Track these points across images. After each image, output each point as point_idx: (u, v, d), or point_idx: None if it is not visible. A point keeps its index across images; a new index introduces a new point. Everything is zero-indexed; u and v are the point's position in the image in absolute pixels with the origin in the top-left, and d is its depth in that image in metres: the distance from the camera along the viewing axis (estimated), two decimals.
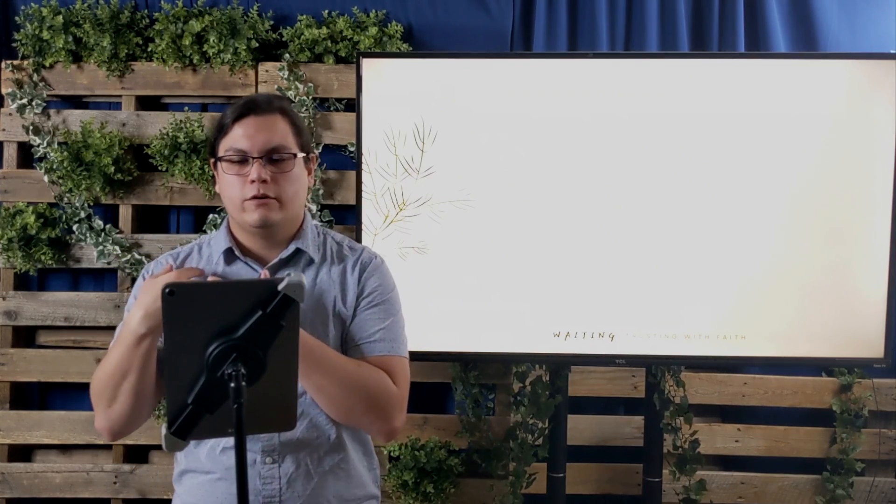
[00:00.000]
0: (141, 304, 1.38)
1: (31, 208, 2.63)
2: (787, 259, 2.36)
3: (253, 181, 1.45)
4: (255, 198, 1.46)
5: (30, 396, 2.76)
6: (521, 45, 2.76)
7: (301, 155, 1.52)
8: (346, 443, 1.54)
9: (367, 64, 2.37)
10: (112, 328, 2.67)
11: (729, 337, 2.38)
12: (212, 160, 1.55)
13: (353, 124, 2.52)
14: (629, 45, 2.76)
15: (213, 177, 2.61)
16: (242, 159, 1.47)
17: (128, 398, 1.41)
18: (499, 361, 2.62)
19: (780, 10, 2.73)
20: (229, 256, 1.53)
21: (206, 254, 1.57)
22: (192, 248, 1.59)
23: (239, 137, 1.47)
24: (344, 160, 2.70)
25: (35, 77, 2.67)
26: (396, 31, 2.64)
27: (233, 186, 1.48)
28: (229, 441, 1.42)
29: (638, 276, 2.36)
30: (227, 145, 1.49)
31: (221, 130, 1.51)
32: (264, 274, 1.48)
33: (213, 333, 1.12)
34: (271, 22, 2.67)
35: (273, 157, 1.48)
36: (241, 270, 1.52)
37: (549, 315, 2.38)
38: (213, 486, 1.49)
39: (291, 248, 1.53)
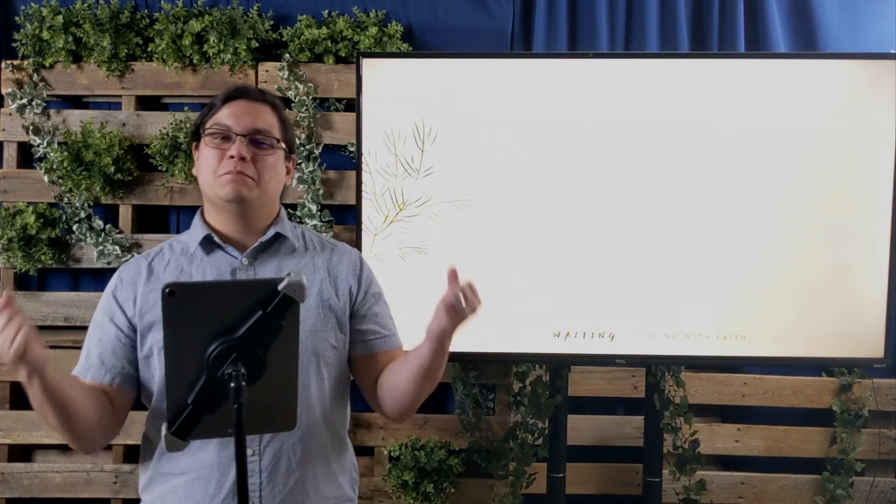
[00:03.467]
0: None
1: (31, 208, 2.63)
2: (787, 259, 2.36)
3: (232, 157, 1.45)
4: (230, 172, 1.45)
5: None
6: (521, 45, 2.75)
7: (283, 147, 1.52)
8: (328, 440, 1.52)
9: (367, 64, 2.37)
10: None
11: (729, 337, 2.38)
12: (194, 144, 1.54)
13: (353, 124, 2.52)
14: (629, 45, 2.75)
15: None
16: (225, 136, 1.47)
17: (60, 428, 1.42)
18: (499, 361, 2.62)
19: (780, 10, 2.73)
20: (208, 245, 1.51)
21: (178, 248, 1.54)
22: (163, 247, 1.56)
23: (225, 116, 1.48)
24: (344, 160, 2.70)
25: (35, 77, 2.67)
26: (396, 31, 2.64)
27: (210, 160, 1.48)
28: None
29: (638, 275, 2.36)
30: (211, 123, 1.49)
31: (209, 111, 1.51)
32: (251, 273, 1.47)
33: (213, 333, 1.12)
34: (271, 22, 2.67)
35: (256, 139, 1.48)
36: (220, 258, 1.50)
37: (549, 315, 2.38)
38: (188, 488, 1.45)
39: (271, 232, 1.52)
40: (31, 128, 2.66)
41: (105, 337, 1.48)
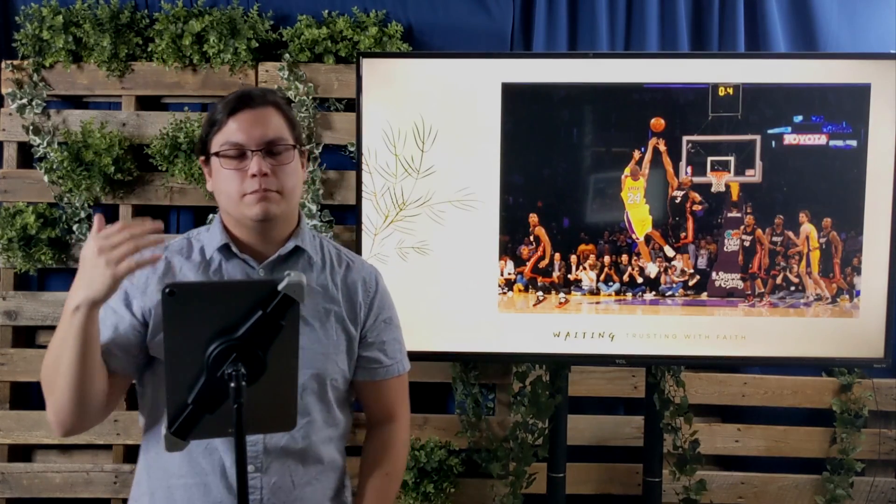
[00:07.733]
0: (78, 276, 1.31)
1: (31, 208, 2.63)
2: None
3: (254, 175, 1.41)
4: (255, 192, 1.42)
5: (30, 396, 2.76)
6: (521, 45, 2.75)
7: (297, 146, 1.49)
8: (334, 456, 1.56)
9: (367, 64, 2.37)
10: None
11: (729, 337, 2.38)
12: (202, 158, 1.49)
13: (353, 124, 2.52)
14: (629, 45, 2.76)
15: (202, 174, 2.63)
16: (240, 153, 1.43)
17: (66, 385, 1.31)
18: (499, 361, 2.62)
19: (780, 10, 2.73)
20: (226, 253, 1.49)
21: (197, 246, 1.51)
22: (183, 242, 1.53)
23: (234, 131, 1.42)
24: (344, 160, 2.70)
25: (35, 77, 2.67)
26: (396, 31, 2.64)
27: (230, 181, 1.43)
28: (210, 443, 1.41)
29: (637, 275, 2.36)
30: (221, 140, 1.43)
31: (214, 125, 1.45)
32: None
33: (213, 333, 1.12)
34: (271, 22, 2.67)
35: (271, 150, 1.44)
36: (237, 267, 1.48)
37: (549, 315, 2.38)
38: (187, 491, 1.44)
39: (290, 245, 1.49)
40: (31, 128, 2.66)
41: (120, 324, 1.44)
